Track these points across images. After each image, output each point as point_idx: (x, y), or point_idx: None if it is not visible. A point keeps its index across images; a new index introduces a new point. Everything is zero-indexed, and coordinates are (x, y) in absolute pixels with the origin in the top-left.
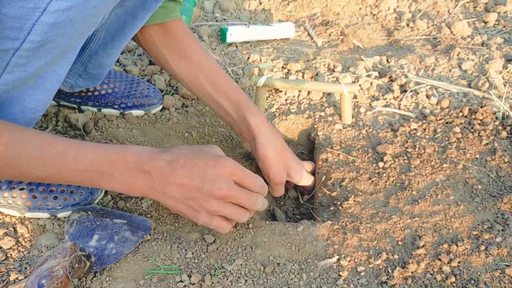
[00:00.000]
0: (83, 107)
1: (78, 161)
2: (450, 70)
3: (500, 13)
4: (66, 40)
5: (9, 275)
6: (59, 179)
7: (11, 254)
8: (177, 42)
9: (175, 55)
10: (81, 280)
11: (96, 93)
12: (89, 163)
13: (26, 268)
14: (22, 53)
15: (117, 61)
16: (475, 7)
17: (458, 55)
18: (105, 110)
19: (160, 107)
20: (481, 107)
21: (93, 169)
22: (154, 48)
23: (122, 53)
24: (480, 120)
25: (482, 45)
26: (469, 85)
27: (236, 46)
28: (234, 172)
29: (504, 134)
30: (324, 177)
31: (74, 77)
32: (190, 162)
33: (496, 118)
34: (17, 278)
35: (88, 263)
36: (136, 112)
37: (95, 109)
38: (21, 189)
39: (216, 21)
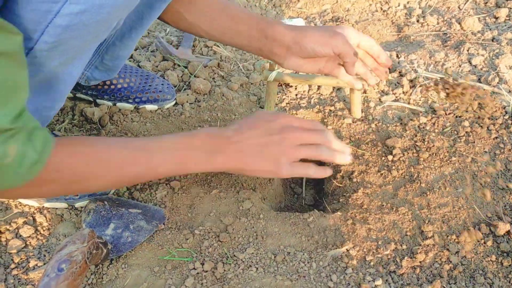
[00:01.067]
0: (98, 101)
1: (162, 148)
2: (460, 65)
3: (511, 8)
4: (80, 43)
5: (29, 262)
6: (150, 174)
7: (30, 242)
8: (204, 11)
9: (207, 22)
10: (98, 267)
11: (112, 86)
12: (171, 149)
13: (45, 256)
14: (36, 53)
15: (131, 57)
16: (486, 2)
17: (468, 50)
18: (120, 104)
19: (173, 102)
20: (491, 101)
21: (177, 153)
22: (185, 22)
23: (136, 49)
24: (490, 114)
25: (492, 40)
26: (478, 80)
27: None
28: (291, 120)
29: None
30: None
31: (90, 69)
32: (252, 123)
33: (506, 112)
34: (36, 265)
35: (105, 250)
36: (150, 107)
37: (110, 103)
38: None
39: None
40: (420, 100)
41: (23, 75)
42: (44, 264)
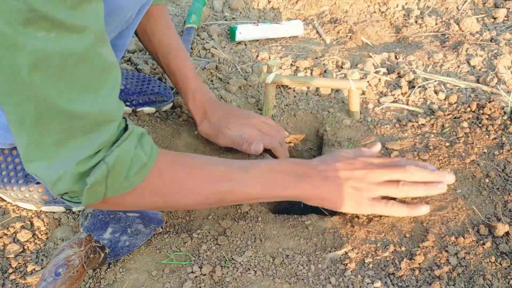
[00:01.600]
0: None
1: (257, 171)
2: (458, 66)
3: (509, 9)
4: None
5: (26, 267)
6: (239, 194)
7: (28, 247)
8: (151, 24)
9: (146, 34)
10: (95, 271)
11: None
12: (264, 170)
13: (42, 260)
14: None
15: (129, 60)
16: (484, 3)
17: (466, 51)
18: None
19: (171, 104)
20: (489, 102)
21: (267, 176)
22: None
23: (133, 52)
24: (488, 115)
25: (491, 40)
26: (477, 81)
27: (245, 45)
28: (372, 157)
29: None
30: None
31: None
32: (336, 158)
33: (504, 112)
34: (34, 269)
35: (102, 254)
36: (147, 109)
37: None
38: (37, 183)
39: (226, 20)
40: (418, 101)
41: (112, 53)
42: (42, 268)
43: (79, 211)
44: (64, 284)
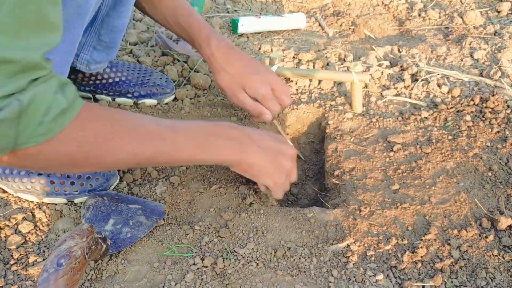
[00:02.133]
0: (97, 96)
1: (186, 130)
2: (461, 60)
3: None
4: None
5: (28, 258)
6: (170, 155)
7: (29, 238)
8: None
9: (152, 3)
10: (97, 263)
11: (110, 80)
12: (196, 131)
13: (44, 251)
14: None
15: (130, 52)
16: None
17: (470, 44)
18: (119, 100)
19: (173, 96)
20: (493, 95)
21: (200, 136)
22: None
23: (135, 44)
24: (491, 108)
25: (494, 34)
26: (480, 74)
27: (248, 37)
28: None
29: None
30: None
31: (89, 51)
32: (267, 134)
33: (508, 106)
34: (35, 261)
35: (104, 246)
36: (149, 101)
37: (109, 98)
38: (39, 175)
39: (228, 12)
40: (421, 94)
41: (58, 16)
42: (44, 260)
43: (81, 203)
44: (66, 275)
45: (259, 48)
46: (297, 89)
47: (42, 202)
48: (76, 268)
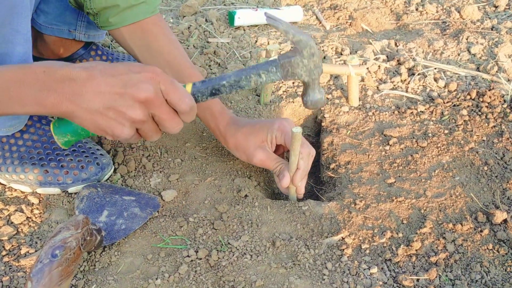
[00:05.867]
0: None
1: None
2: (458, 54)
3: None
4: None
5: (20, 249)
6: None
7: (22, 229)
8: (148, 41)
9: (145, 52)
10: (90, 254)
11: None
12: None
13: (36, 243)
14: None
15: None
16: None
17: (467, 39)
18: None
19: None
20: (489, 90)
21: (7, 89)
22: (125, 45)
23: None
24: (488, 103)
25: (491, 29)
26: (477, 69)
27: (244, 30)
28: (161, 80)
29: None
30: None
31: (83, 28)
32: (110, 69)
33: (504, 101)
34: (28, 252)
35: (98, 237)
36: None
37: None
38: (32, 164)
39: (224, 4)
40: (418, 88)
41: None
42: (36, 251)
43: (75, 193)
44: (60, 266)
45: (256, 41)
46: (293, 82)
47: (35, 192)
48: (71, 259)
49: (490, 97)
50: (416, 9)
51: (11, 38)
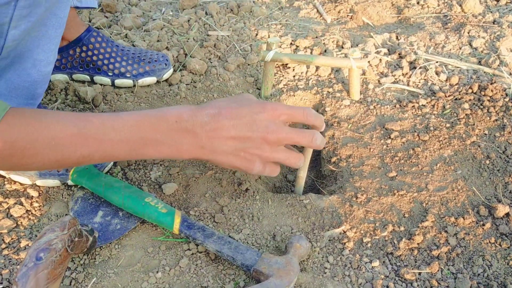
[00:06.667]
0: (95, 78)
1: (118, 130)
2: (460, 48)
3: None
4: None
5: (20, 242)
6: (102, 156)
7: (21, 222)
8: None
9: None
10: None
11: (106, 61)
12: (129, 131)
13: (36, 236)
14: (22, 3)
15: (126, 37)
16: None
17: (468, 32)
18: (119, 81)
19: (171, 70)
20: (491, 83)
21: (135, 136)
22: None
23: (130, 29)
24: (490, 96)
25: (493, 23)
26: (479, 63)
27: (244, 23)
28: (282, 113)
29: None
30: None
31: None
32: (234, 112)
33: (506, 94)
34: (27, 245)
35: (90, 238)
36: (149, 80)
37: (108, 80)
38: None
39: None
40: (419, 82)
41: None
42: None
43: (74, 187)
44: (46, 269)
45: (256, 34)
46: (294, 76)
47: (35, 184)
48: (57, 261)
49: (492, 90)
50: (417, 3)
51: (48, 21)
